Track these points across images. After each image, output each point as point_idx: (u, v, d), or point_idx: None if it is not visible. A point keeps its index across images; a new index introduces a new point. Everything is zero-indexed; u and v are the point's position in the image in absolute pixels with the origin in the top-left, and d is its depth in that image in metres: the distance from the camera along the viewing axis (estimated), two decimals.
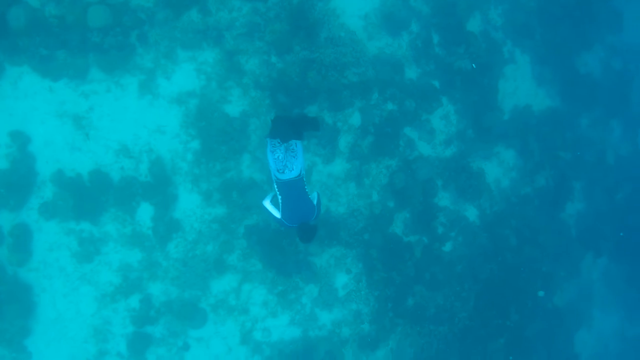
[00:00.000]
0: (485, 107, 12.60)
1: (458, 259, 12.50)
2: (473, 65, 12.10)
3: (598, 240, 14.71)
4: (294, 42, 10.89)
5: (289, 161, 8.13)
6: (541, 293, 13.34)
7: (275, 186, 8.23)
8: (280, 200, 8.21)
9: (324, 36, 11.13)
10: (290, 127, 8.28)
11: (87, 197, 10.18)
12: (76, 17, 9.76)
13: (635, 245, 15.28)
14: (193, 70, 10.58)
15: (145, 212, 10.51)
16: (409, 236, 12.08)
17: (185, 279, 10.74)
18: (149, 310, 10.60)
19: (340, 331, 11.74)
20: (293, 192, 8.21)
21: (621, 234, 14.93)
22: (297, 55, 10.88)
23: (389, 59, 11.85)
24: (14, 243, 9.94)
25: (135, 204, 10.41)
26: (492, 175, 13.15)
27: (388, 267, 11.73)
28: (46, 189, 10.12)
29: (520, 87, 13.57)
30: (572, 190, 14.14)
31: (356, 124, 11.55)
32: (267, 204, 8.46)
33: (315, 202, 8.34)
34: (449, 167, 12.50)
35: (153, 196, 10.48)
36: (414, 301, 12.08)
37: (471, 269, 12.59)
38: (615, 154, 15.21)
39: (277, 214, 8.31)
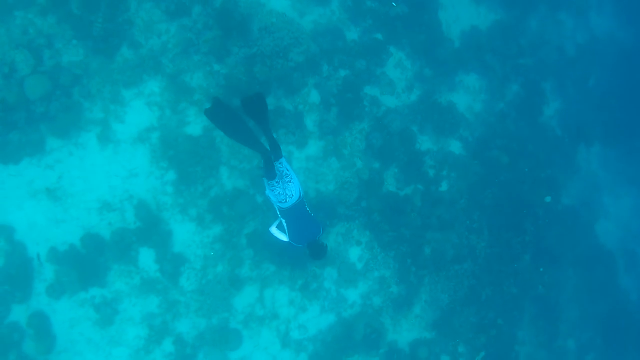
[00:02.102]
0: (434, 43, 12.73)
1: (458, 194, 12.63)
2: (393, 3, 12.12)
3: (585, 131, 14.91)
4: (230, 45, 10.94)
5: (287, 189, 8.35)
6: (548, 199, 13.51)
7: (279, 214, 8.48)
8: (285, 225, 8.48)
9: (257, 28, 11.18)
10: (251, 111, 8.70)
11: (87, 263, 10.23)
12: (15, 95, 9.77)
13: (622, 123, 15.43)
14: (144, 105, 10.60)
15: (147, 258, 10.57)
16: (404, 189, 12.23)
17: (208, 307, 10.83)
18: (185, 349, 10.70)
19: (371, 302, 11.89)
20: (297, 215, 8.49)
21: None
22: (238, 56, 10.93)
23: (326, 28, 11.93)
24: (35, 333, 9.97)
25: (134, 253, 10.46)
26: (463, 104, 13.30)
27: (395, 226, 11.87)
28: (46, 270, 10.12)
29: (461, 12, 13.67)
30: (544, 93, 14.34)
31: (316, 100, 11.64)
32: (274, 230, 8.76)
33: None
34: (419, 111, 12.64)
35: (149, 240, 10.53)
36: (431, 248, 12.27)
37: (474, 200, 12.78)
38: (574, 45, 15.40)
39: (285, 237, 8.59)
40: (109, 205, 10.36)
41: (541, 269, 13.47)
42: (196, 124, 10.78)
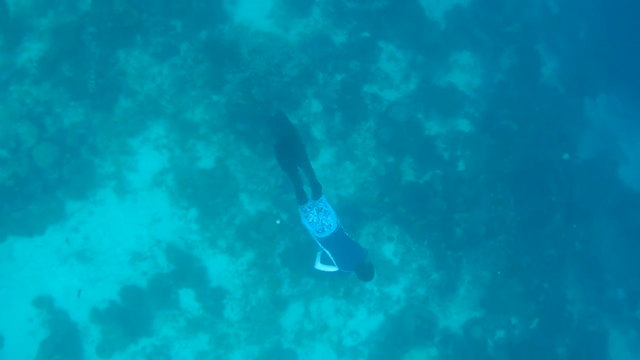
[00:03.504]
0: (421, 29, 12.53)
1: (476, 170, 12.37)
2: None
3: (586, 83, 14.57)
4: (223, 73, 10.83)
5: (324, 219, 8.09)
6: (566, 156, 13.21)
7: (320, 244, 8.19)
8: (330, 255, 8.17)
9: (246, 52, 11.08)
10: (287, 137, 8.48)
11: (130, 316, 10.06)
12: (26, 167, 9.71)
13: (620, 68, 15.08)
14: (153, 150, 10.50)
15: (187, 298, 10.40)
16: (423, 177, 11.99)
17: (257, 333, 10.62)
18: None
19: (416, 294, 11.63)
20: (339, 244, 8.18)
21: None
22: (233, 82, 10.83)
23: (313, 37, 11.78)
24: None
25: (174, 296, 10.30)
26: (462, 83, 13.04)
27: (421, 214, 11.61)
28: (92, 331, 10.00)
29: None
30: (537, 55, 14.04)
31: (318, 109, 11.46)
32: (319, 266, 8.42)
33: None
34: (420, 98, 12.40)
35: (185, 279, 10.36)
36: (462, 229, 11.98)
37: (493, 172, 12.50)
38: (557, 1, 15.01)
39: (332, 269, 8.27)
40: (139, 255, 10.21)
41: (574, 226, 13.13)
42: (207, 157, 10.65)
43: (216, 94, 10.86)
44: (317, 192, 8.15)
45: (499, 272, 11.95)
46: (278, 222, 10.65)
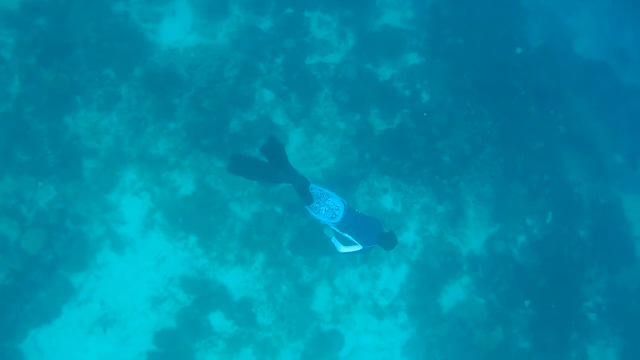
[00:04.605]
0: None
1: (441, 95, 12.15)
2: None
3: None
4: (170, 99, 10.70)
5: (331, 204, 8.08)
6: (519, 50, 12.91)
7: (338, 230, 8.16)
8: (350, 236, 8.14)
9: (183, 71, 10.93)
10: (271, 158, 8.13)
11: (171, 356, 9.84)
12: (20, 260, 9.52)
13: None
14: (133, 197, 10.33)
15: (218, 320, 10.18)
16: (393, 121, 11.77)
17: (295, 327, 10.38)
18: None
19: (429, 232, 11.43)
20: (354, 223, 8.15)
21: None
22: (182, 104, 10.72)
23: (241, 33, 11.71)
24: None
25: (205, 323, 10.08)
26: (396, 20, 12.88)
27: (405, 156, 11.38)
28: None
29: None
30: None
31: (272, 97, 11.30)
32: (343, 249, 8.27)
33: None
34: (363, 49, 12.21)
35: (209, 304, 10.14)
36: (448, 155, 11.75)
37: (457, 91, 12.28)
38: None
39: (357, 248, 8.18)
40: (158, 298, 10.02)
41: (551, 112, 12.84)
42: (185, 183, 10.47)
43: (171, 121, 10.65)
44: (303, 182, 8.07)
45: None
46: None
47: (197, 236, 10.26)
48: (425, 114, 11.76)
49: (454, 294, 11.26)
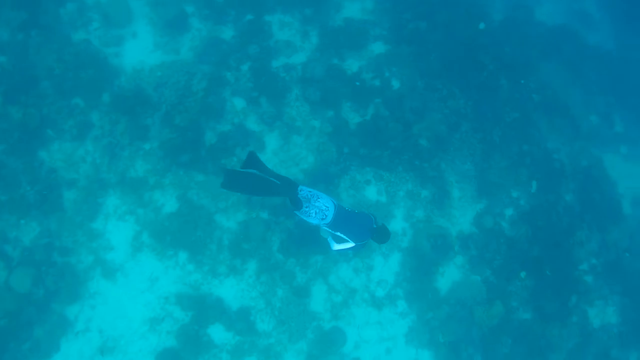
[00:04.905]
0: None
1: (411, 80, 12.10)
2: None
3: None
4: (142, 120, 10.62)
5: (321, 205, 8.06)
6: (482, 25, 12.86)
7: (331, 230, 8.17)
8: (343, 236, 8.15)
9: (152, 90, 10.86)
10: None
11: None
12: (11, 300, 9.39)
13: None
14: (117, 222, 10.21)
15: (218, 333, 10.08)
16: (367, 112, 11.73)
17: (296, 329, 10.30)
18: None
19: (417, 218, 11.39)
20: (345, 221, 8.16)
21: None
22: (155, 123, 10.67)
23: (204, 45, 11.61)
24: None
25: (205, 337, 10.00)
26: (356, 11, 12.84)
27: (383, 146, 11.35)
28: None
29: None
30: None
31: (242, 104, 11.21)
32: (336, 247, 8.36)
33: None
34: (328, 45, 12.14)
35: (208, 318, 10.05)
36: (425, 138, 11.67)
37: (426, 74, 12.22)
38: None
39: (349, 245, 8.23)
40: (155, 319, 9.91)
41: (522, 82, 12.80)
42: (169, 201, 10.36)
43: (146, 142, 10.55)
44: (292, 186, 8.11)
45: None
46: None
47: (187, 252, 10.15)
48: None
49: (450, 275, 11.22)
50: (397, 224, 11.14)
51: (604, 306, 12.15)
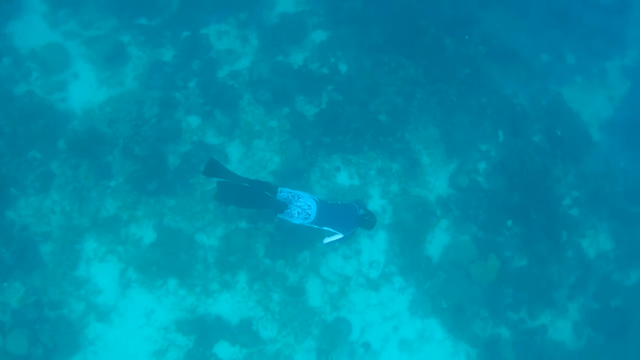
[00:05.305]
0: None
1: (357, 61, 12.05)
2: None
3: None
4: (103, 158, 10.51)
5: (303, 204, 8.11)
6: None
7: (317, 227, 8.26)
8: (329, 229, 8.27)
9: (105, 127, 10.67)
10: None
11: None
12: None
13: None
14: (100, 263, 10.03)
15: (224, 350, 9.96)
16: (321, 102, 11.66)
17: (300, 329, 10.24)
18: None
19: (393, 193, 11.33)
20: (329, 215, 8.25)
21: None
22: (116, 159, 10.52)
23: (148, 72, 11.38)
24: None
25: (213, 358, 9.88)
26: (290, 4, 12.69)
27: (344, 130, 11.26)
28: None
29: None
30: None
31: (197, 121, 11.08)
32: (326, 240, 8.55)
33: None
34: (269, 45, 12.03)
35: (210, 338, 9.93)
36: (384, 112, 11.62)
37: (371, 50, 12.17)
38: None
39: (338, 236, 8.39)
40: (159, 351, 9.75)
41: (466, 37, 12.77)
42: (146, 232, 10.20)
43: (110, 179, 10.39)
44: (270, 188, 8.20)
45: None
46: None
47: (176, 278, 10.02)
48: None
49: (438, 240, 11.21)
50: (375, 203, 11.07)
51: (595, 235, 12.19)
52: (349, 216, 8.39)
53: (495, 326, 11.03)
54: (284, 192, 8.23)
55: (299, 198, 8.18)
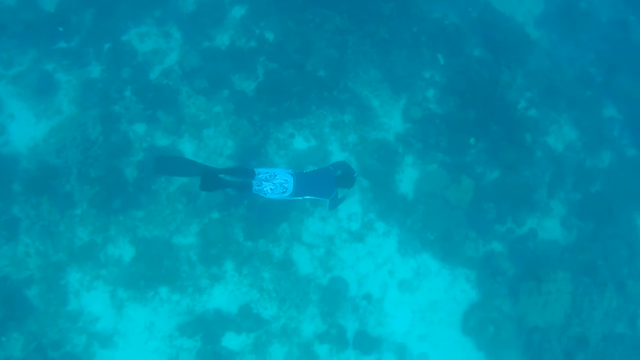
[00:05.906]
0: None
1: (282, 26, 11.92)
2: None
3: None
4: (60, 189, 10.35)
5: (280, 180, 8.13)
6: None
7: (299, 198, 8.33)
8: (311, 197, 8.36)
9: (55, 159, 10.50)
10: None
11: None
12: None
13: None
14: (89, 292, 9.95)
15: (232, 340, 9.96)
16: (258, 75, 11.55)
17: (299, 299, 10.23)
18: (339, 341, 10.23)
19: (351, 143, 11.32)
20: (307, 183, 8.27)
21: None
22: (75, 186, 10.38)
23: (80, 93, 11.15)
24: None
25: (224, 351, 9.86)
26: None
27: (287, 96, 11.18)
28: None
29: None
30: None
31: (143, 129, 10.98)
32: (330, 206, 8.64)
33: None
34: (189, 36, 11.86)
35: (215, 332, 9.91)
36: (322, 69, 11.60)
37: (293, 13, 12.00)
38: None
39: (325, 202, 8.56)
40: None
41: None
42: (124, 250, 10.13)
43: (75, 208, 10.27)
44: (247, 173, 8.20)
45: None
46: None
47: (165, 285, 9.98)
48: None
49: (408, 177, 11.25)
50: (337, 158, 11.03)
51: (558, 129, 12.26)
52: (327, 180, 8.42)
53: (486, 243, 11.06)
54: (261, 174, 8.21)
55: (276, 176, 8.19)
